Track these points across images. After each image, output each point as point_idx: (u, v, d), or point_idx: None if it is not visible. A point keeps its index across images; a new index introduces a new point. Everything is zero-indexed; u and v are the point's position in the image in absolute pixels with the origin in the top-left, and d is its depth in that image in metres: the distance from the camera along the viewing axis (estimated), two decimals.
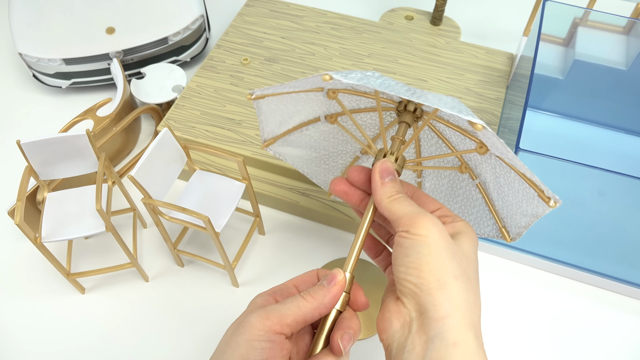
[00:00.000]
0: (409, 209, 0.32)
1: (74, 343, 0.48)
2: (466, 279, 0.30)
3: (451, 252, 0.30)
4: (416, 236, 0.30)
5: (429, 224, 0.30)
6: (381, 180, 0.34)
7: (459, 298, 0.29)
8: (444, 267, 0.29)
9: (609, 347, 0.49)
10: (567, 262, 0.52)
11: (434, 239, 0.30)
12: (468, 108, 0.32)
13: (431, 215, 0.31)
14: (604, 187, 0.43)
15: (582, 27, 0.58)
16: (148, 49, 0.65)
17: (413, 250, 0.30)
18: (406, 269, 0.30)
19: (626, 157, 0.60)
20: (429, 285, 0.29)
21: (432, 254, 0.29)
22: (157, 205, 0.44)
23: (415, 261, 0.30)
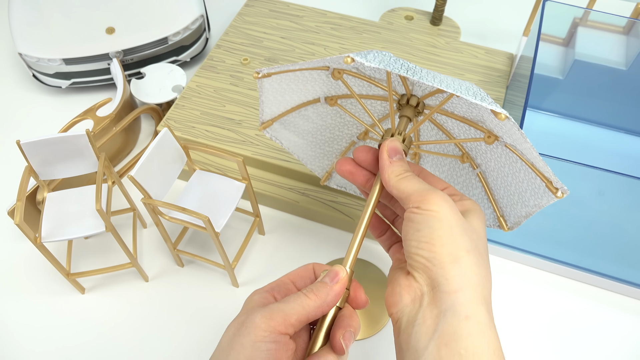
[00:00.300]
0: (418, 186, 0.31)
1: (74, 343, 0.48)
2: (478, 254, 0.30)
3: (462, 227, 0.30)
4: (428, 211, 0.30)
5: (440, 199, 0.30)
6: (389, 159, 0.33)
7: (471, 272, 0.29)
8: (456, 241, 0.29)
9: (609, 347, 0.49)
10: (567, 262, 0.52)
11: (445, 214, 0.30)
12: (487, 94, 0.32)
13: (441, 191, 0.31)
14: (604, 187, 0.43)
15: (582, 27, 0.58)
16: (148, 49, 0.65)
17: (425, 225, 0.30)
18: (418, 243, 0.30)
19: (626, 157, 0.60)
20: (441, 259, 0.29)
21: (444, 228, 0.30)
22: (157, 205, 0.44)
23: (427, 235, 0.30)
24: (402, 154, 0.34)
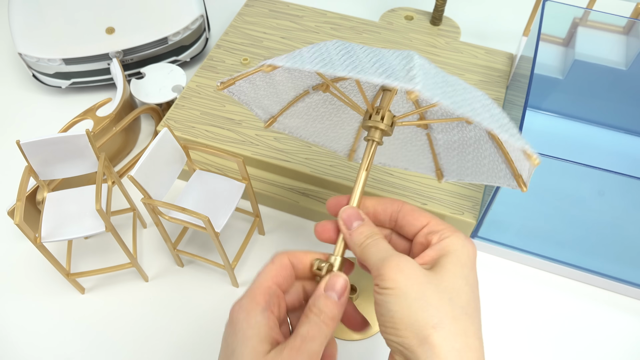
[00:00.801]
0: (376, 257, 0.29)
1: (74, 343, 0.48)
2: (449, 322, 0.27)
3: (425, 296, 0.27)
4: (384, 290, 0.28)
5: (394, 271, 0.28)
6: (348, 231, 0.32)
7: (443, 350, 0.26)
8: (417, 320, 0.27)
9: (609, 347, 0.49)
10: (567, 262, 0.52)
11: (402, 289, 0.27)
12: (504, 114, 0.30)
13: (398, 257, 0.28)
14: (603, 187, 0.43)
15: (582, 27, 0.58)
16: (148, 49, 0.65)
17: (385, 309, 0.28)
18: (385, 328, 0.28)
19: (626, 157, 0.60)
20: (409, 342, 0.27)
21: (403, 308, 0.27)
22: (156, 205, 0.44)
23: (390, 319, 0.27)
24: (359, 217, 0.32)
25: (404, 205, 0.34)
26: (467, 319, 0.28)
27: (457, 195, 0.53)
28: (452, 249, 0.30)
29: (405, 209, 0.33)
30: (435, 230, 0.31)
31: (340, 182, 0.54)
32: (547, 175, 0.44)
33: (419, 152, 0.42)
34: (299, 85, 0.39)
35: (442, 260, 0.29)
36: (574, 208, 0.47)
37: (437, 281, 0.28)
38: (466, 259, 0.30)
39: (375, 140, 0.34)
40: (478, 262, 0.54)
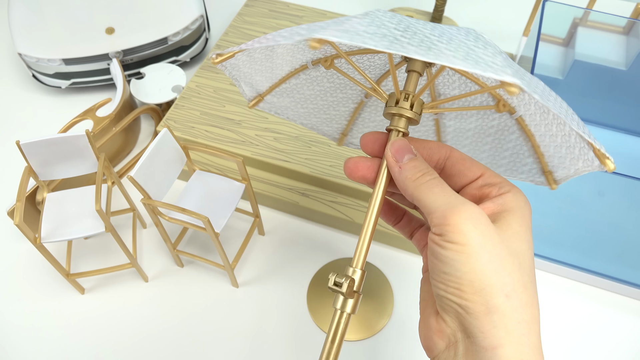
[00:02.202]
0: (440, 200, 0.25)
1: (74, 343, 0.48)
2: (521, 291, 0.24)
3: (499, 258, 0.24)
4: (452, 245, 0.24)
5: (467, 224, 0.24)
6: (397, 165, 0.27)
7: (513, 321, 0.24)
8: (491, 285, 0.23)
9: (609, 347, 0.49)
10: (567, 262, 0.52)
11: (474, 247, 0.24)
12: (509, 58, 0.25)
13: (470, 206, 0.25)
14: (603, 187, 0.43)
15: (581, 27, 0.58)
16: (148, 49, 0.65)
17: (450, 266, 0.24)
18: (446, 287, 0.24)
19: (626, 157, 0.60)
20: (475, 308, 0.24)
21: (475, 271, 0.23)
22: (156, 206, 0.44)
23: (455, 280, 0.24)
24: (411, 151, 0.28)
25: (453, 151, 0.29)
26: (533, 287, 0.25)
27: None
28: (515, 205, 0.27)
29: (454, 155, 0.29)
30: (491, 182, 0.28)
31: (340, 182, 0.54)
32: None
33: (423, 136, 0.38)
34: (297, 59, 0.35)
35: (507, 217, 0.26)
36: (574, 208, 0.47)
37: (507, 242, 0.25)
38: (529, 218, 0.27)
39: (400, 130, 0.29)
40: None
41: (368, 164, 0.30)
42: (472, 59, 0.22)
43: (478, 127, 0.34)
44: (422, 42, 0.23)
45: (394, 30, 0.24)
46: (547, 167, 0.30)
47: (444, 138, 0.37)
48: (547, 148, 0.31)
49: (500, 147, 0.34)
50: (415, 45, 0.22)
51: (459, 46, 0.23)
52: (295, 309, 0.51)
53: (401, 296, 0.51)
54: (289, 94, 0.38)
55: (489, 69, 0.21)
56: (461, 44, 0.23)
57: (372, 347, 0.48)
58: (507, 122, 0.32)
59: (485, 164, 0.33)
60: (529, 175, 0.32)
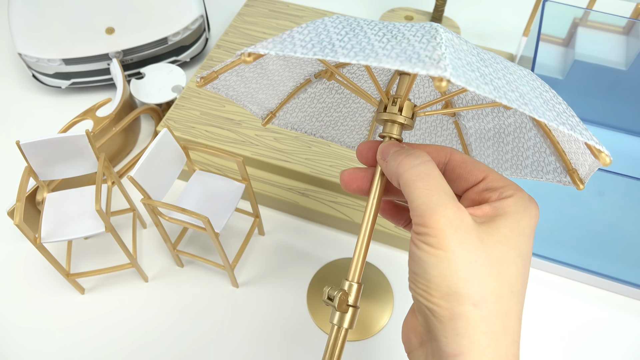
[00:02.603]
0: (422, 198, 0.24)
1: (73, 343, 0.48)
2: (493, 301, 0.23)
3: (474, 266, 0.23)
4: (426, 247, 0.23)
5: (445, 228, 0.23)
6: (384, 161, 0.27)
7: (478, 331, 0.23)
8: (458, 292, 0.23)
9: (609, 347, 0.49)
10: (567, 262, 0.52)
11: (448, 252, 0.23)
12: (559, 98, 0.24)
13: (451, 209, 0.23)
14: (603, 187, 0.43)
15: (582, 27, 0.58)
16: (148, 49, 0.65)
17: (420, 267, 0.23)
18: (415, 286, 0.24)
19: (626, 157, 0.60)
20: (440, 312, 0.23)
21: (444, 275, 0.23)
22: (156, 206, 0.44)
23: (424, 282, 0.23)
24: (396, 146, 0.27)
25: (454, 153, 0.28)
26: (513, 298, 0.24)
27: None
28: (511, 210, 0.25)
29: (455, 159, 0.28)
30: (493, 187, 0.26)
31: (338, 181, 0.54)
32: None
33: (446, 143, 0.36)
34: (297, 74, 0.34)
35: (498, 222, 0.25)
36: (574, 208, 0.47)
37: (490, 249, 0.24)
38: (526, 225, 0.25)
39: (393, 137, 0.28)
40: None
41: (362, 174, 0.29)
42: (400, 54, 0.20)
43: (497, 127, 0.33)
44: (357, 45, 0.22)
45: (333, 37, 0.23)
46: (570, 165, 0.28)
47: (467, 141, 0.35)
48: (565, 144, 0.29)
49: (522, 146, 0.32)
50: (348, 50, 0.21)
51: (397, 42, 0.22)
52: (295, 309, 0.51)
53: (401, 296, 0.51)
54: (300, 108, 0.38)
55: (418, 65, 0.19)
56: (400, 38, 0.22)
57: (372, 347, 0.48)
58: (523, 118, 0.31)
59: (511, 166, 0.32)
60: (554, 175, 0.31)
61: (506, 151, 0.33)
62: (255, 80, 0.33)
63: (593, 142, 0.23)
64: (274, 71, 0.32)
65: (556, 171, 0.29)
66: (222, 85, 0.32)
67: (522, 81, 0.23)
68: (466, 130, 0.35)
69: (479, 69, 0.21)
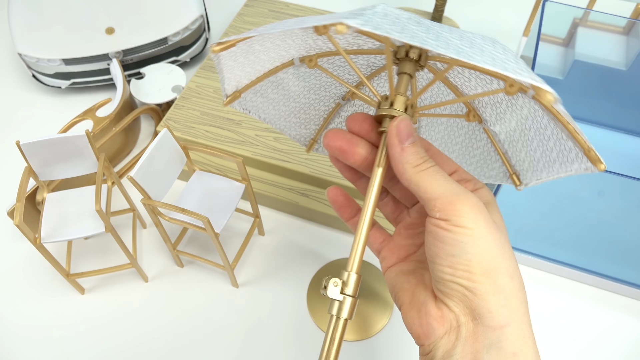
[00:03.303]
0: (445, 187, 0.26)
1: (73, 343, 0.48)
2: (518, 274, 0.26)
3: (500, 243, 0.25)
4: (460, 229, 0.25)
5: (474, 211, 0.25)
6: (400, 145, 0.27)
7: (517, 301, 0.25)
8: (498, 267, 0.25)
9: (609, 347, 0.49)
10: (567, 262, 0.52)
11: (482, 231, 0.25)
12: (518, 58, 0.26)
13: (473, 195, 0.26)
14: (603, 187, 0.43)
15: (581, 28, 0.58)
16: (148, 49, 0.65)
17: (459, 249, 0.25)
18: (454, 271, 0.25)
19: (626, 157, 0.60)
20: (484, 289, 0.25)
21: (482, 253, 0.25)
22: (156, 206, 0.44)
23: (465, 262, 0.25)
24: (415, 135, 0.28)
25: (430, 145, 0.30)
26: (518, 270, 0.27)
27: None
28: (490, 199, 0.28)
29: (432, 149, 0.30)
30: (466, 178, 0.29)
31: (340, 182, 0.54)
32: None
33: (484, 155, 0.36)
34: (283, 55, 0.34)
35: (490, 210, 0.28)
36: (573, 208, 0.47)
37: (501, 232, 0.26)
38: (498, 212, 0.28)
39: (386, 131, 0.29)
40: None
41: (348, 137, 0.30)
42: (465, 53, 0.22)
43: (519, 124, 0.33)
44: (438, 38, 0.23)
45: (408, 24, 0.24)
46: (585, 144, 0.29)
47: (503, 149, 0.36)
48: (516, 155, 0.31)
49: (471, 146, 0.34)
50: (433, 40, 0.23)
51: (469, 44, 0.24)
52: (295, 309, 0.51)
53: None
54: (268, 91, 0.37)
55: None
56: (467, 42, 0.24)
57: (372, 347, 0.48)
58: (474, 134, 0.33)
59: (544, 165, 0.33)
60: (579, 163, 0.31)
61: (535, 149, 0.33)
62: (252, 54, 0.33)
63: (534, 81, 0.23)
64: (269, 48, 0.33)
65: (577, 157, 0.30)
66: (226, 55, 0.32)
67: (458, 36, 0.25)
68: (497, 137, 0.35)
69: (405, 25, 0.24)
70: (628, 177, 0.40)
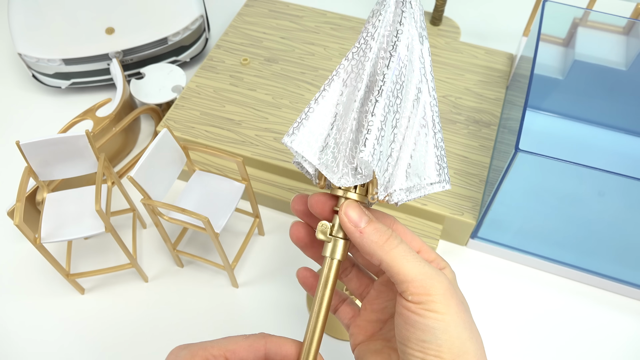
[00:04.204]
0: (417, 269, 0.26)
1: (73, 343, 0.48)
2: (485, 357, 0.27)
3: (469, 327, 0.26)
4: (433, 314, 0.25)
5: (447, 296, 0.25)
6: (358, 229, 0.27)
7: None
8: (468, 352, 0.25)
9: (609, 347, 0.49)
10: (567, 262, 0.52)
11: (452, 317, 0.25)
12: None
13: (444, 276, 0.26)
14: (603, 187, 0.43)
15: (582, 28, 0.58)
16: (148, 49, 0.65)
17: (431, 335, 0.25)
18: (425, 356, 0.25)
19: (626, 157, 0.60)
20: None
21: (453, 338, 0.25)
22: (156, 206, 0.44)
23: (436, 348, 0.25)
24: (365, 213, 0.27)
25: (395, 223, 0.30)
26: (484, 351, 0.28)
27: (457, 196, 0.53)
28: (453, 278, 0.29)
29: (398, 229, 0.30)
30: (430, 258, 0.30)
31: None
32: (547, 175, 0.44)
33: None
34: None
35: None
36: (574, 208, 0.47)
37: (468, 313, 0.27)
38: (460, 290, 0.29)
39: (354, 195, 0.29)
40: (478, 263, 0.54)
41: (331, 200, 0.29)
42: None
43: None
44: None
45: None
46: None
47: None
48: None
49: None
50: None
51: None
52: (295, 309, 0.51)
53: None
54: None
55: None
56: None
57: None
58: None
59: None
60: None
61: None
62: None
63: None
64: None
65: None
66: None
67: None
68: None
69: None
70: (628, 177, 0.40)
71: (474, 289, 0.52)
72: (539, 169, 0.43)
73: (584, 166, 0.40)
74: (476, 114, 0.60)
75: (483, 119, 0.59)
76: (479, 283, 0.53)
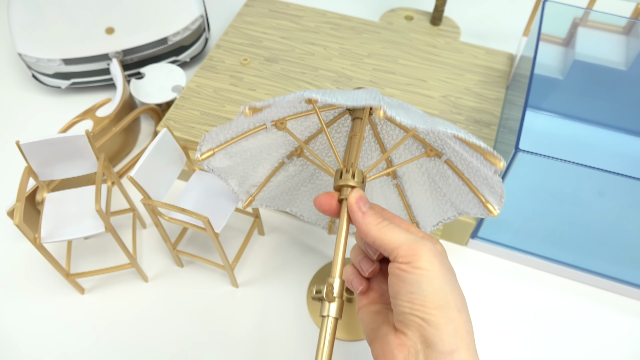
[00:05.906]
0: (404, 237, 0.31)
1: (73, 343, 0.48)
2: (465, 309, 0.30)
3: (451, 282, 0.30)
4: (419, 270, 0.30)
5: (430, 255, 0.30)
6: (361, 211, 0.33)
7: (464, 331, 0.29)
8: (448, 302, 0.29)
9: (609, 347, 0.49)
10: (567, 262, 0.52)
11: (436, 272, 0.30)
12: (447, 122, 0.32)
13: (428, 242, 0.31)
14: (603, 187, 0.43)
15: (582, 27, 0.58)
16: (148, 49, 0.65)
17: (417, 287, 0.30)
18: (412, 305, 0.30)
19: (626, 157, 0.60)
20: (437, 320, 0.29)
21: (436, 290, 0.29)
22: (156, 206, 0.44)
23: (421, 298, 0.29)
24: (369, 202, 0.33)
25: (384, 210, 0.36)
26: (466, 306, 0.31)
27: None
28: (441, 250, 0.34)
29: (386, 213, 0.35)
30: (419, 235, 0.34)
31: None
32: (547, 175, 0.44)
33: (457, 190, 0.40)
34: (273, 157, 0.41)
35: None
36: (574, 208, 0.47)
37: (452, 273, 0.31)
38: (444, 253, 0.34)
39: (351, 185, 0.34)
40: (478, 263, 0.54)
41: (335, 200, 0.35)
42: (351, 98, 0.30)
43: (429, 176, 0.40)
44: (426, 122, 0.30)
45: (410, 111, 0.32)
46: (483, 197, 0.37)
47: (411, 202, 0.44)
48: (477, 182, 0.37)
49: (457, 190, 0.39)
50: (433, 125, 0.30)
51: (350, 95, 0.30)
52: (295, 308, 0.51)
53: None
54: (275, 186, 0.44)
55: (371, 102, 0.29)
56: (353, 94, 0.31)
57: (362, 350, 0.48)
58: (443, 166, 0.38)
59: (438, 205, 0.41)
60: (479, 209, 0.38)
61: (444, 194, 0.40)
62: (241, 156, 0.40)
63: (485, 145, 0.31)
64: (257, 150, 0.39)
65: (480, 206, 0.37)
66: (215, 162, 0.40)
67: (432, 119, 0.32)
68: (405, 192, 0.43)
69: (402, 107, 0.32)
70: (628, 177, 0.40)
71: (474, 289, 0.52)
72: (539, 169, 0.43)
73: (584, 166, 0.40)
74: (476, 113, 0.60)
75: (483, 119, 0.59)
76: (479, 283, 0.53)
